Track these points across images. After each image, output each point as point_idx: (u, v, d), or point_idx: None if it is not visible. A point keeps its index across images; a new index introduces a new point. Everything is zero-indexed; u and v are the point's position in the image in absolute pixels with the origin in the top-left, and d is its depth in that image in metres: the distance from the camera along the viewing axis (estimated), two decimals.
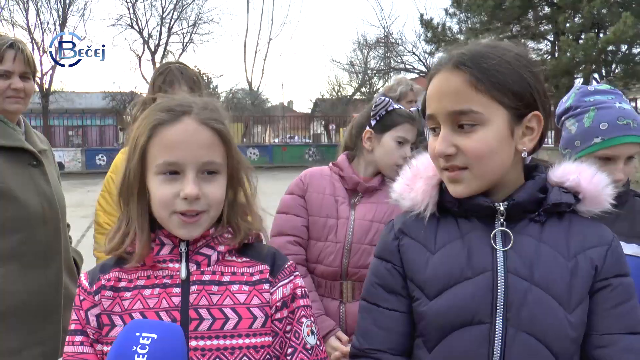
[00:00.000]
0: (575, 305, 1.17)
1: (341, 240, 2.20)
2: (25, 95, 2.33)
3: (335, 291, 2.23)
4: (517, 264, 1.18)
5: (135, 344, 1.04)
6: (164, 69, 2.64)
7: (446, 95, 1.19)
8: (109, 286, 1.28)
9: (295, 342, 1.29)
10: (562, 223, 1.24)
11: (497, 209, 1.21)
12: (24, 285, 2.19)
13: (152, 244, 1.27)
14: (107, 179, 2.64)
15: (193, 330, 1.22)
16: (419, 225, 1.30)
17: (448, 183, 1.23)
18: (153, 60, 32.19)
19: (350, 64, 34.13)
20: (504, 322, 1.16)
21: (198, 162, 1.21)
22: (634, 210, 1.85)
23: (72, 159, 25.23)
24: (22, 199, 2.20)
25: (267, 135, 32.21)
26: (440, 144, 1.19)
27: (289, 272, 1.33)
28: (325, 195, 2.26)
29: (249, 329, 1.24)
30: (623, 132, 1.76)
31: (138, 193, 1.25)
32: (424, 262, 1.26)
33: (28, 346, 2.21)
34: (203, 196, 1.21)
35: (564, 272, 1.18)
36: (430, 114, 1.23)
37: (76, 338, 1.29)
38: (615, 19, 17.07)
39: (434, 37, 22.34)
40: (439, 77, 1.22)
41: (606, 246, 1.22)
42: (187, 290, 1.25)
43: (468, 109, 1.17)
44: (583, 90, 1.91)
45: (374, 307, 1.31)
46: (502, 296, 1.16)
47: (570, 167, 1.29)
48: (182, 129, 1.22)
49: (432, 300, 1.22)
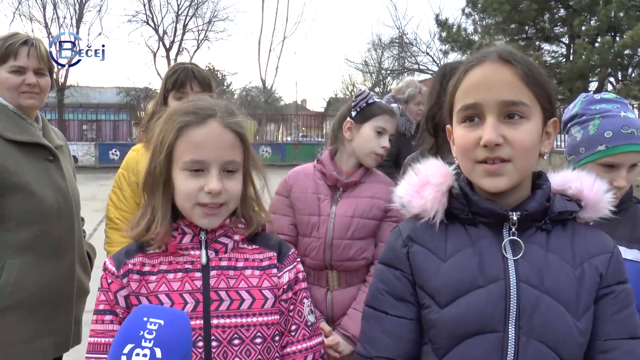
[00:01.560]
0: (582, 312, 1.19)
1: (322, 237, 2.28)
2: (41, 90, 2.37)
3: (322, 280, 2.32)
4: (528, 273, 1.19)
5: (143, 329, 1.07)
6: (176, 68, 2.67)
7: (498, 85, 1.19)
8: (135, 270, 1.41)
9: (298, 320, 1.47)
10: (566, 231, 1.26)
11: (509, 218, 1.22)
12: (38, 276, 2.24)
13: (174, 232, 1.41)
14: (119, 175, 2.69)
15: (214, 310, 1.37)
16: (428, 232, 1.30)
17: (484, 177, 1.21)
18: (168, 56, 32.36)
19: (365, 64, 34.10)
20: (516, 330, 1.17)
21: (221, 161, 1.37)
22: (635, 216, 1.87)
23: (85, 153, 25.37)
24: (38, 193, 2.25)
25: (280, 133, 32.26)
26: (491, 132, 1.17)
27: (292, 259, 1.50)
28: (307, 194, 2.34)
29: (262, 308, 1.40)
30: (627, 140, 1.79)
31: (163, 185, 1.39)
32: (435, 270, 1.25)
33: (40, 336, 2.26)
34: (224, 191, 1.37)
35: (571, 280, 1.20)
36: (474, 103, 1.21)
37: (106, 317, 1.40)
38: (632, 22, 16.89)
39: (449, 37, 22.25)
40: (484, 68, 1.22)
41: (609, 254, 1.25)
42: (208, 275, 1.40)
43: (520, 101, 1.18)
44: (589, 98, 1.94)
45: (382, 314, 1.31)
46: (514, 305, 1.17)
47: (571, 175, 1.31)
48: (208, 131, 1.37)
49: (443, 308, 1.22)
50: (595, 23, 18.47)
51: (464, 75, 1.26)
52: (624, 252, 1.79)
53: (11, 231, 2.21)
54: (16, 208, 2.21)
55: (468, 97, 1.22)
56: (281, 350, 1.45)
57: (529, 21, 20.07)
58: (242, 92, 34.99)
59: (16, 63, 2.31)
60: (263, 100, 33.45)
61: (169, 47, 32.70)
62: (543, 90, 1.22)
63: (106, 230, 2.69)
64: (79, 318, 2.46)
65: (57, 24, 29.65)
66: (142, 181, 1.45)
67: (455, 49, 22.52)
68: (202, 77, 2.64)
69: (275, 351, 1.42)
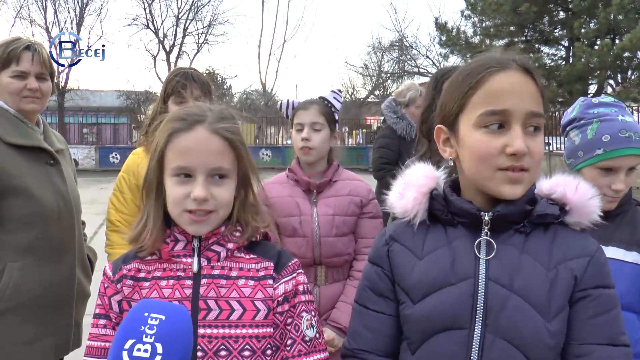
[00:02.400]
0: (554, 314, 1.19)
1: (309, 235, 2.40)
2: (42, 95, 2.39)
3: (311, 275, 2.41)
4: (498, 273, 1.21)
5: (144, 324, 1.07)
6: (176, 73, 2.70)
7: (526, 96, 1.20)
8: (129, 275, 1.41)
9: (295, 334, 1.40)
10: (546, 234, 1.26)
11: (482, 219, 1.24)
12: (38, 278, 2.26)
13: (167, 239, 1.40)
14: (119, 178, 2.71)
15: (202, 319, 1.34)
16: (408, 231, 1.34)
17: (505, 184, 1.20)
18: (168, 60, 32.37)
19: (365, 67, 34.10)
20: (482, 328, 1.19)
21: (207, 168, 1.35)
22: (634, 218, 1.88)
23: (86, 156, 25.37)
24: (39, 196, 2.27)
25: (280, 136, 32.26)
26: (522, 142, 1.17)
27: (292, 269, 1.44)
28: (284, 197, 2.46)
29: (252, 320, 1.36)
30: (625, 144, 1.80)
31: (156, 191, 1.40)
32: (410, 267, 1.30)
33: (41, 338, 2.27)
34: (212, 197, 1.34)
35: (543, 281, 1.20)
36: (504, 110, 1.19)
37: (100, 321, 1.41)
38: (631, 25, 16.90)
39: (449, 40, 22.26)
40: (509, 75, 1.21)
41: (588, 257, 1.23)
42: (198, 283, 1.37)
43: (541, 113, 1.21)
44: (587, 102, 1.95)
45: (364, 309, 1.37)
46: (482, 303, 1.20)
47: (558, 180, 1.32)
48: (193, 137, 1.36)
49: (416, 304, 1.27)
50: (595, 26, 18.47)
51: (486, 79, 1.22)
52: (623, 255, 1.80)
53: (12, 234, 2.22)
54: (17, 211, 2.22)
55: (496, 103, 1.20)
56: None
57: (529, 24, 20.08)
58: (242, 95, 35.00)
59: (18, 68, 2.33)
60: (263, 104, 33.45)
61: (169, 51, 32.74)
62: (546, 102, 1.26)
63: (107, 232, 2.71)
64: (79, 321, 2.47)
65: (58, 27, 29.71)
66: (141, 186, 1.46)
67: (455, 52, 22.54)
68: (202, 82, 2.67)
69: None
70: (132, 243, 1.43)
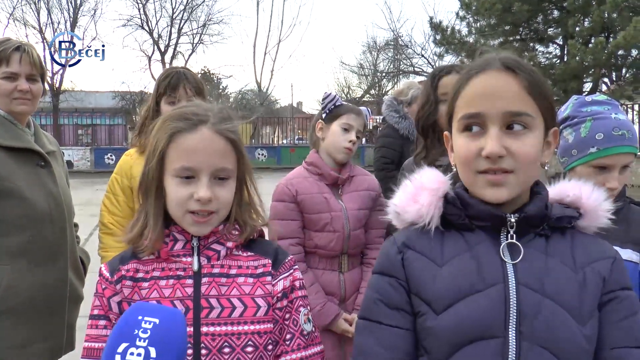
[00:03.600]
0: (587, 318, 1.15)
1: (340, 230, 2.53)
2: (33, 96, 2.37)
3: (336, 264, 2.59)
4: (528, 277, 1.16)
5: (138, 328, 1.06)
6: (168, 73, 2.68)
7: (502, 96, 1.17)
8: (128, 276, 1.40)
9: (294, 329, 1.43)
10: (565, 238, 1.23)
11: (507, 221, 1.19)
12: (31, 281, 2.24)
13: (166, 239, 1.40)
14: (112, 180, 2.69)
15: (204, 317, 1.35)
16: (424, 238, 1.26)
17: (486, 187, 1.18)
18: (163, 60, 32.33)
19: (360, 66, 34.15)
20: (517, 335, 1.13)
21: (212, 168, 1.35)
22: (628, 216, 1.88)
23: (81, 157, 25.32)
24: (30, 198, 2.25)
25: (276, 136, 32.24)
26: (494, 144, 1.14)
27: (289, 266, 1.46)
28: (314, 194, 2.57)
29: (254, 316, 1.38)
30: (618, 142, 1.80)
31: (156, 191, 1.39)
32: (431, 276, 1.21)
33: (34, 341, 2.26)
34: (215, 198, 1.35)
35: (573, 284, 1.16)
36: (477, 113, 1.18)
37: (99, 322, 1.40)
38: (625, 23, 16.94)
39: (443, 39, 22.29)
40: (488, 76, 1.19)
41: (611, 259, 1.22)
42: (199, 282, 1.38)
43: (524, 112, 1.16)
44: (580, 100, 1.95)
45: (376, 324, 1.24)
46: (514, 309, 1.14)
47: (568, 185, 1.29)
48: (198, 138, 1.36)
49: (440, 314, 1.18)
50: (589, 24, 18.53)
51: (466, 83, 1.22)
52: (617, 251, 1.80)
53: (3, 237, 2.21)
54: (8, 213, 2.21)
55: (471, 107, 1.19)
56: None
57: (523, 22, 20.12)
58: (237, 95, 34.94)
59: (8, 69, 2.31)
60: (259, 103, 33.42)
61: (164, 51, 32.68)
62: (546, 100, 1.20)
63: (100, 235, 2.69)
64: (72, 324, 2.45)
65: (52, 28, 29.64)
66: (137, 185, 1.45)
67: (450, 51, 22.57)
68: (195, 81, 2.65)
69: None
70: (130, 244, 1.43)
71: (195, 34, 33.53)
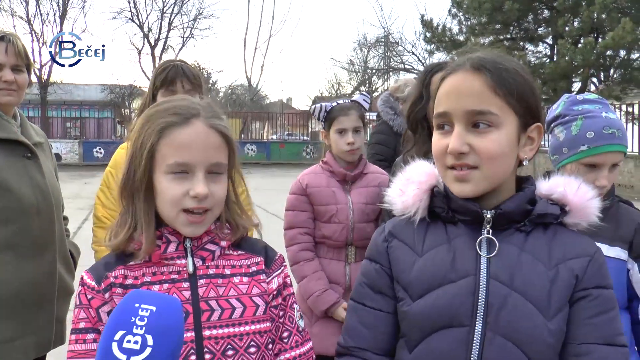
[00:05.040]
0: (554, 312, 1.19)
1: (344, 221, 2.69)
2: (18, 87, 2.32)
3: (342, 255, 2.74)
4: (499, 270, 1.21)
5: (134, 315, 1.04)
6: (165, 66, 2.63)
7: (466, 95, 1.21)
8: (117, 283, 1.31)
9: (290, 326, 1.41)
10: (546, 234, 1.27)
11: (484, 217, 1.24)
12: (18, 275, 2.20)
13: (158, 241, 1.32)
14: (107, 173, 2.66)
15: (206, 320, 1.31)
16: (408, 228, 1.33)
17: (453, 182, 1.24)
18: (153, 54, 32.17)
19: (350, 63, 34.19)
20: (483, 325, 1.19)
21: (207, 163, 1.29)
22: (617, 214, 1.90)
23: (69, 150, 25.12)
24: (16, 190, 2.21)
25: (265, 131, 32.16)
26: (455, 141, 1.20)
27: (279, 263, 1.44)
28: (322, 187, 2.74)
29: (254, 316, 1.35)
30: (608, 140, 1.82)
31: (145, 191, 1.30)
32: (410, 264, 1.29)
33: (21, 336, 2.22)
34: (210, 195, 1.28)
35: (543, 280, 1.21)
36: (444, 112, 1.24)
37: (88, 336, 1.29)
38: (614, 24, 17.08)
39: (434, 37, 22.35)
40: (457, 77, 1.24)
41: (588, 257, 1.25)
42: (196, 284, 1.32)
43: (487, 110, 1.19)
44: (572, 99, 1.96)
45: (360, 306, 1.35)
46: (483, 300, 1.20)
47: (558, 180, 1.32)
48: (193, 132, 1.29)
49: (415, 301, 1.26)
50: (579, 24, 18.66)
51: (441, 83, 1.28)
52: (606, 250, 1.81)
53: None
54: None
55: (440, 106, 1.26)
56: (274, 359, 1.39)
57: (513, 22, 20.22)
58: (227, 90, 34.85)
59: None
60: (249, 99, 33.35)
61: (154, 45, 32.52)
62: (520, 97, 1.22)
63: (94, 229, 2.66)
64: (62, 318, 2.42)
65: (40, 20, 29.35)
66: (119, 187, 1.34)
67: (441, 49, 22.64)
68: (192, 75, 2.60)
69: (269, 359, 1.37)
70: (117, 250, 1.34)
71: (186, 27, 33.44)
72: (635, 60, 19.40)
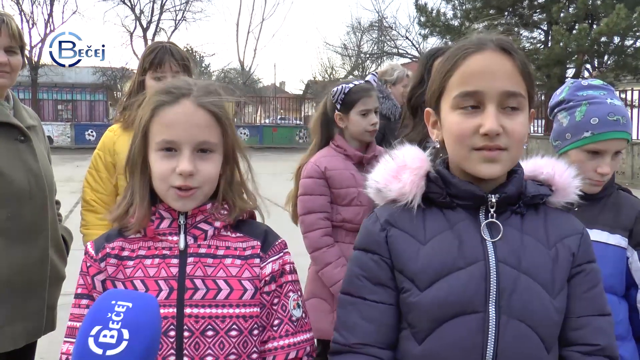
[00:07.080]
0: (558, 290, 1.23)
1: (366, 204, 2.59)
2: (12, 69, 2.28)
3: None
4: (506, 254, 1.22)
5: (111, 311, 1.06)
6: (153, 47, 2.62)
7: (500, 75, 1.20)
8: (113, 254, 1.38)
9: (282, 314, 1.39)
10: (538, 215, 1.30)
11: (488, 200, 1.24)
12: (9, 260, 2.18)
13: (152, 217, 1.37)
14: (95, 156, 2.64)
15: (188, 298, 1.32)
16: (406, 216, 1.30)
17: (482, 163, 1.21)
18: (145, 37, 31.82)
19: (344, 47, 34.02)
20: (497, 310, 1.18)
21: (193, 141, 1.31)
22: (618, 202, 1.89)
23: (61, 133, 25.04)
24: (8, 174, 2.18)
25: (258, 115, 32.07)
26: (493, 122, 1.18)
27: (279, 249, 1.42)
28: (341, 170, 2.69)
29: (239, 299, 1.34)
30: (612, 127, 1.79)
31: (141, 167, 1.37)
32: (414, 253, 1.25)
33: (11, 322, 2.20)
34: (197, 173, 1.31)
35: (547, 260, 1.23)
36: (475, 91, 1.21)
37: (82, 301, 1.39)
38: (608, 10, 17.10)
39: (428, 21, 22.29)
40: (485, 55, 1.22)
41: (579, 234, 1.30)
42: (185, 262, 1.35)
43: (518, 92, 1.21)
44: (577, 84, 1.94)
45: (360, 300, 1.30)
46: (494, 285, 1.19)
47: (542, 162, 1.36)
48: (179, 110, 1.32)
49: (423, 291, 1.22)
50: (573, 10, 18.66)
51: (461, 61, 1.24)
52: (607, 237, 1.83)
53: None
54: None
55: (469, 84, 1.22)
56: (262, 346, 1.39)
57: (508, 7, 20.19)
58: (220, 73, 34.66)
59: None
60: (241, 82, 33.19)
61: (146, 27, 32.16)
62: (532, 83, 1.26)
63: (82, 212, 2.64)
64: (53, 304, 2.40)
65: (30, 0, 28.96)
66: (121, 162, 1.41)
67: (435, 33, 22.60)
68: (181, 57, 2.58)
69: (252, 346, 1.36)
70: (116, 222, 1.40)
71: (178, 10, 33.09)
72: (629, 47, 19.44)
